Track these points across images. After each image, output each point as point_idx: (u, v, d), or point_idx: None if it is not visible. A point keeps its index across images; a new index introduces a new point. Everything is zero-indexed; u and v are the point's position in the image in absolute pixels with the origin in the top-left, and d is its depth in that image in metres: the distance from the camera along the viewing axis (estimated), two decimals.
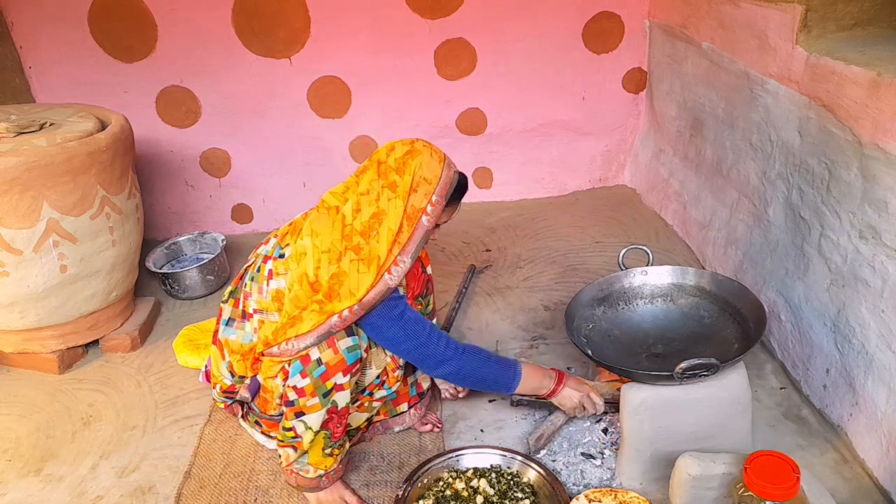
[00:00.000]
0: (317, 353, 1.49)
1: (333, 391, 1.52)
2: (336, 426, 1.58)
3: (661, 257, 2.70)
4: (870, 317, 1.67)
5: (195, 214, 3.21)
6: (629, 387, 1.61)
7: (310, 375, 1.50)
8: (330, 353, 1.49)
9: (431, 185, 1.52)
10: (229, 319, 1.69)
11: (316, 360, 1.49)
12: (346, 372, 1.51)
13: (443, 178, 1.54)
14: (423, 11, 2.93)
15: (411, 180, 1.51)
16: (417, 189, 1.52)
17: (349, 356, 1.51)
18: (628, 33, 3.12)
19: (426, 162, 1.53)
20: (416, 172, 1.51)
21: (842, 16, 1.87)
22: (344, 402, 1.55)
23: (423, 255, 1.85)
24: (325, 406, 1.53)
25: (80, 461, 1.91)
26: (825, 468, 1.71)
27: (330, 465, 1.63)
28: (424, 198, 1.52)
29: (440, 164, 1.55)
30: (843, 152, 1.72)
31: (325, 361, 1.49)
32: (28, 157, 1.93)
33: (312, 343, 1.50)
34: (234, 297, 1.71)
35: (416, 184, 1.51)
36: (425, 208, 1.53)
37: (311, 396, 1.51)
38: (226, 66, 2.89)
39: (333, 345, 1.49)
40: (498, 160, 3.34)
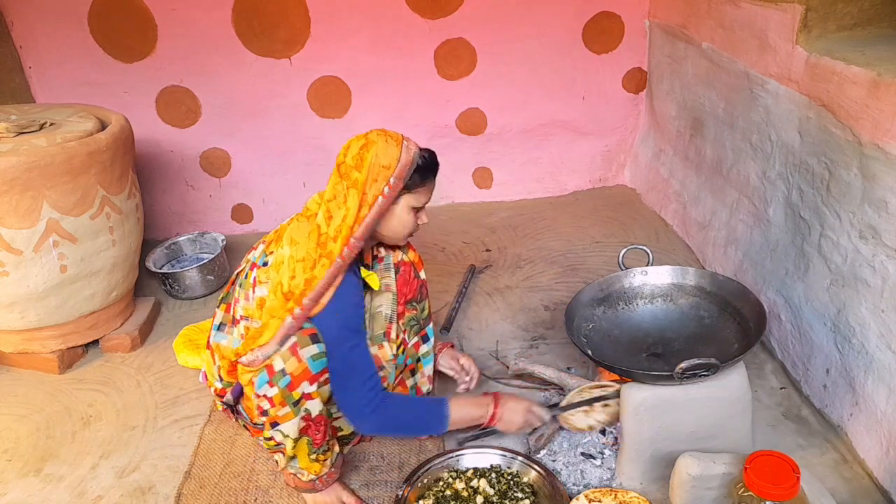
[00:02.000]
0: (281, 363, 1.47)
1: (303, 400, 1.50)
2: (315, 433, 1.56)
3: (661, 257, 2.70)
4: (870, 317, 1.66)
5: (195, 214, 3.21)
6: (629, 387, 1.61)
7: (277, 385, 1.48)
8: (294, 363, 1.47)
9: (390, 170, 1.51)
10: (220, 324, 1.70)
11: (280, 371, 1.47)
12: (312, 381, 1.49)
13: (402, 160, 1.52)
14: (422, 11, 2.93)
15: (368, 172, 1.50)
16: (378, 178, 1.50)
17: (313, 364, 1.48)
18: (628, 33, 3.12)
19: (382, 149, 1.52)
20: (373, 163, 1.50)
21: (842, 16, 1.87)
22: (317, 409, 1.53)
23: (416, 260, 1.84)
24: (298, 414, 1.51)
25: (80, 461, 1.91)
26: (825, 468, 1.71)
27: (319, 470, 1.62)
28: (383, 182, 1.51)
29: (397, 148, 1.53)
30: (843, 152, 1.72)
31: (289, 371, 1.47)
32: (28, 157, 1.93)
33: (274, 351, 1.49)
34: (225, 302, 1.71)
35: (376, 174, 1.50)
36: (382, 191, 1.51)
37: (280, 406, 1.49)
38: (226, 66, 2.90)
39: (296, 353, 1.47)
40: (498, 160, 3.34)
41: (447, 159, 3.34)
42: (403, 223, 1.60)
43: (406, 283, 1.80)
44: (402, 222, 1.60)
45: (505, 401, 1.69)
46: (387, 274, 1.76)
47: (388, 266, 1.78)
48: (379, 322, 1.72)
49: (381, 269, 1.76)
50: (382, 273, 1.75)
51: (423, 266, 1.87)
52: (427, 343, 1.85)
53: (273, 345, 1.49)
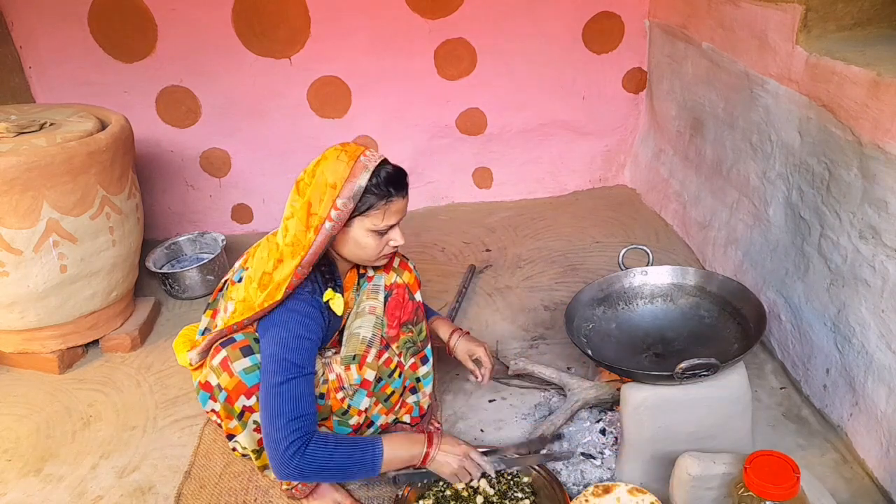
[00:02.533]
0: (215, 378, 1.46)
1: (246, 412, 1.49)
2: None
3: (661, 257, 2.70)
4: (870, 317, 1.66)
5: (195, 214, 3.21)
6: (629, 387, 1.61)
7: (218, 400, 1.47)
8: (226, 378, 1.46)
9: (336, 190, 1.41)
10: (205, 329, 1.66)
11: (217, 386, 1.46)
12: (248, 394, 1.47)
13: (349, 179, 1.41)
14: (423, 11, 2.93)
15: (316, 190, 1.42)
16: (323, 198, 1.41)
17: (247, 378, 1.46)
18: (628, 33, 3.12)
19: (330, 166, 1.42)
20: (320, 180, 1.42)
21: (842, 16, 1.87)
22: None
23: (411, 282, 1.73)
24: (246, 427, 1.50)
25: (80, 461, 1.91)
26: (825, 468, 1.71)
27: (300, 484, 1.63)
28: (329, 203, 1.41)
29: (347, 165, 1.41)
30: (843, 152, 1.72)
31: (224, 387, 1.46)
32: (28, 157, 1.93)
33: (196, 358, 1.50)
34: (211, 308, 1.67)
35: (321, 193, 1.41)
36: (329, 215, 1.41)
37: (227, 420, 1.49)
38: (226, 66, 2.90)
39: (227, 368, 1.45)
40: (498, 160, 3.34)
41: (447, 159, 3.38)
42: (363, 247, 1.50)
43: (399, 307, 1.68)
44: (361, 245, 1.50)
45: (439, 442, 1.52)
46: (374, 296, 1.66)
47: (378, 288, 1.68)
48: (352, 343, 1.61)
49: (369, 290, 1.67)
50: (369, 294, 1.66)
51: (420, 286, 1.77)
52: (426, 364, 1.76)
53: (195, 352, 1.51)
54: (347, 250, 1.52)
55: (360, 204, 1.44)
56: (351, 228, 1.47)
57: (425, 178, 3.33)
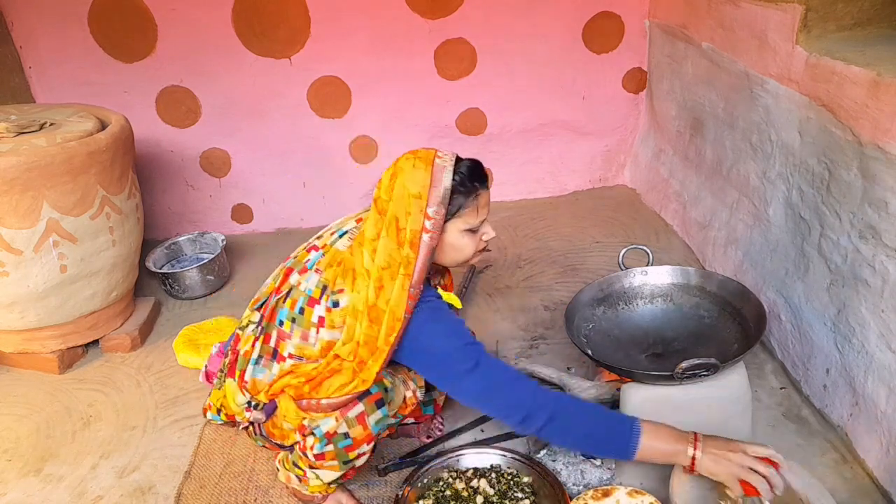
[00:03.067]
0: (345, 428, 1.44)
1: (356, 459, 1.50)
2: (349, 476, 1.58)
3: (661, 257, 2.70)
4: (870, 317, 1.66)
5: (195, 214, 3.21)
6: (629, 387, 1.61)
7: (334, 444, 1.46)
8: (359, 430, 1.45)
9: (423, 200, 1.35)
10: (258, 358, 1.53)
11: (343, 434, 1.45)
12: (369, 441, 1.49)
13: (433, 186, 1.36)
14: (423, 11, 2.93)
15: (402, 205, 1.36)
16: (411, 210, 1.35)
17: (376, 428, 1.47)
18: (628, 33, 3.12)
19: (409, 177, 1.37)
20: (401, 193, 1.36)
21: (842, 16, 1.87)
22: (363, 461, 1.54)
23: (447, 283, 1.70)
24: (343, 470, 1.51)
25: (80, 461, 1.91)
26: (825, 468, 1.71)
27: (332, 490, 1.63)
28: (420, 215, 1.35)
29: (426, 172, 1.36)
30: (843, 152, 1.72)
31: (352, 437, 1.45)
32: (28, 157, 1.93)
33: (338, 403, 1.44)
34: (265, 332, 1.52)
35: (409, 205, 1.35)
36: (423, 226, 1.35)
37: (330, 460, 1.49)
38: (226, 66, 2.90)
39: (363, 421, 1.44)
40: (498, 160, 3.34)
41: None
42: (460, 249, 1.45)
43: None
44: (458, 248, 1.45)
45: (705, 444, 1.34)
46: None
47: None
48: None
49: None
50: None
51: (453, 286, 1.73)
52: None
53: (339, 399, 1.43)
54: (446, 256, 1.47)
55: (451, 207, 1.39)
56: (445, 234, 1.42)
57: None
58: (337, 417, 1.45)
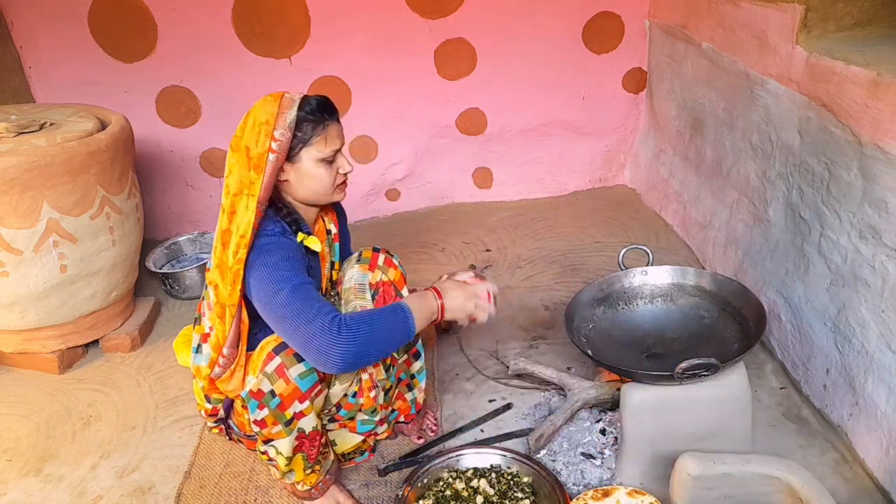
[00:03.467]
0: (268, 385, 1.44)
1: (295, 419, 1.48)
2: (310, 448, 1.54)
3: (661, 257, 2.70)
4: (870, 317, 1.66)
5: (195, 214, 3.21)
6: (629, 387, 1.61)
7: (267, 406, 1.45)
8: (282, 384, 1.44)
9: (270, 126, 1.43)
10: (198, 346, 1.63)
11: (269, 392, 1.44)
12: (302, 399, 1.47)
13: (280, 113, 1.43)
14: (423, 11, 2.93)
15: (251, 134, 1.44)
16: (259, 137, 1.43)
17: (302, 383, 1.46)
18: (628, 33, 3.12)
19: (259, 109, 1.46)
20: (254, 123, 1.44)
21: (842, 16, 1.87)
22: (311, 426, 1.51)
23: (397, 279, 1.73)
24: (291, 434, 1.49)
25: (80, 461, 1.91)
26: (825, 468, 1.71)
27: (315, 479, 1.62)
28: (266, 139, 1.43)
29: (275, 103, 1.45)
30: (843, 152, 1.72)
31: (278, 393, 1.44)
32: (28, 157, 1.93)
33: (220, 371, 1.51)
34: (199, 322, 1.64)
35: (257, 132, 1.43)
36: (269, 147, 1.43)
37: (273, 425, 1.48)
38: (226, 66, 2.89)
39: (284, 374, 1.43)
40: (498, 160, 3.34)
41: (447, 159, 3.38)
42: (317, 178, 1.52)
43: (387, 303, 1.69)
44: (315, 178, 1.52)
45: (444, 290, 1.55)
46: (361, 295, 1.68)
47: (364, 287, 1.69)
48: None
49: (355, 289, 1.68)
50: (356, 294, 1.68)
51: (407, 282, 1.76)
52: (419, 359, 1.80)
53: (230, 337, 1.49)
54: (304, 188, 1.53)
55: (301, 134, 1.46)
56: (300, 163, 1.50)
57: (425, 179, 3.33)
58: (258, 375, 1.45)
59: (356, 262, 1.74)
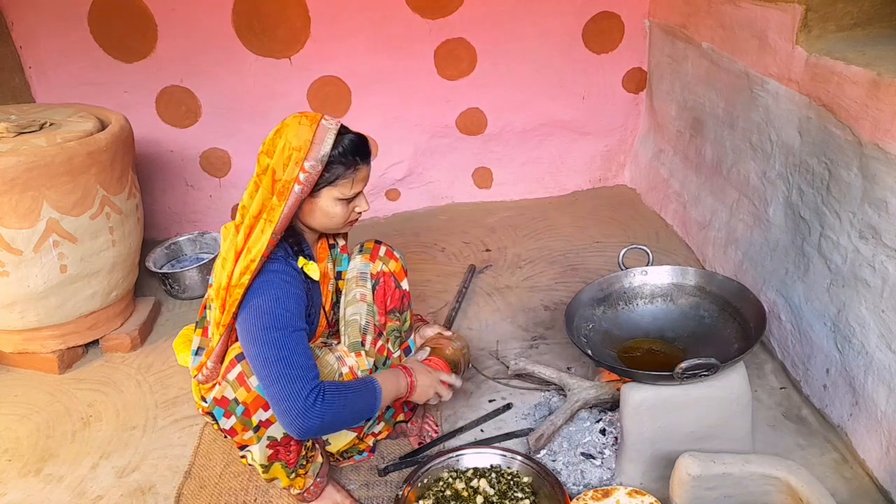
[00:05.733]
0: (231, 392, 1.43)
1: (262, 427, 1.47)
2: (286, 455, 1.53)
3: (661, 257, 2.70)
4: (870, 317, 1.66)
5: (195, 214, 3.21)
6: (629, 387, 1.61)
7: (233, 414, 1.45)
8: (243, 392, 1.43)
9: (301, 153, 1.39)
10: (198, 349, 1.62)
11: (234, 400, 1.44)
12: (266, 407, 1.44)
13: (315, 142, 1.40)
14: (423, 11, 2.93)
15: (280, 157, 1.40)
16: (289, 162, 1.40)
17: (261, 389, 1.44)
18: (628, 33, 3.12)
19: (293, 132, 1.41)
20: (285, 146, 1.40)
21: (842, 16, 1.87)
22: (280, 433, 1.49)
23: (397, 270, 1.77)
24: (260, 441, 1.48)
25: (80, 461, 1.91)
26: (825, 468, 1.71)
27: (303, 484, 1.61)
28: (295, 167, 1.39)
29: (311, 130, 1.41)
30: (843, 152, 1.72)
31: (241, 401, 1.44)
32: (28, 157, 1.93)
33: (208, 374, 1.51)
34: (200, 326, 1.64)
35: (287, 157, 1.40)
36: (297, 177, 1.40)
37: (242, 433, 1.47)
38: (226, 66, 2.89)
39: (244, 383, 1.42)
40: (498, 160, 3.34)
41: (447, 159, 3.38)
42: (330, 215, 1.51)
43: (386, 294, 1.77)
44: (329, 214, 1.51)
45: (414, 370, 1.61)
46: (362, 283, 1.71)
47: (365, 276, 1.72)
48: (352, 329, 1.68)
49: (357, 278, 1.71)
50: (357, 282, 1.70)
51: (407, 275, 1.79)
52: (409, 354, 1.82)
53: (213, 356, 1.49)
54: (315, 220, 1.52)
55: (329, 174, 1.44)
56: (319, 198, 1.48)
57: (425, 178, 3.33)
58: (220, 382, 1.45)
59: (358, 252, 1.78)
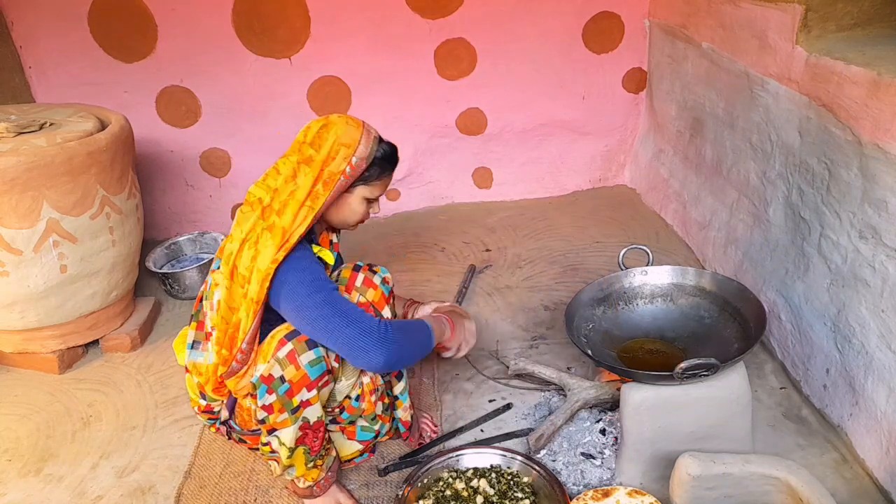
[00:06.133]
0: (279, 370, 1.45)
1: (301, 407, 1.49)
2: (312, 441, 1.55)
3: (661, 257, 2.70)
4: (870, 317, 1.66)
5: (195, 214, 3.21)
6: (629, 387, 1.61)
7: (275, 392, 1.46)
8: (292, 370, 1.46)
9: (350, 149, 1.51)
10: (194, 342, 1.65)
11: (279, 378, 1.45)
12: (310, 387, 1.48)
13: (362, 142, 1.52)
14: (423, 11, 2.93)
15: (328, 150, 1.50)
16: (336, 156, 1.50)
17: (311, 371, 1.47)
18: (628, 33, 3.12)
19: (343, 130, 1.52)
20: (334, 142, 1.51)
21: (842, 16, 1.87)
22: (315, 416, 1.52)
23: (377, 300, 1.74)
24: (296, 422, 1.50)
25: (80, 461, 1.91)
26: (825, 468, 1.71)
27: (316, 475, 1.62)
28: (343, 161, 1.51)
29: (358, 130, 1.53)
30: (843, 152, 1.72)
31: (287, 378, 1.46)
32: (28, 157, 1.93)
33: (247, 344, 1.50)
34: (196, 319, 1.66)
35: (335, 152, 1.50)
36: (344, 170, 1.51)
37: (279, 413, 1.48)
38: (226, 66, 2.90)
39: (294, 360, 1.45)
40: (498, 160, 3.34)
41: (447, 159, 3.38)
42: (354, 212, 1.62)
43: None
44: (353, 211, 1.61)
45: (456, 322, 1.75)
46: None
47: None
48: None
49: None
50: None
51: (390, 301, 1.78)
52: (402, 380, 1.79)
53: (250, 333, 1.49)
54: (338, 214, 1.61)
55: (367, 174, 1.56)
56: (352, 195, 1.58)
57: (425, 178, 3.33)
58: (268, 359, 1.46)
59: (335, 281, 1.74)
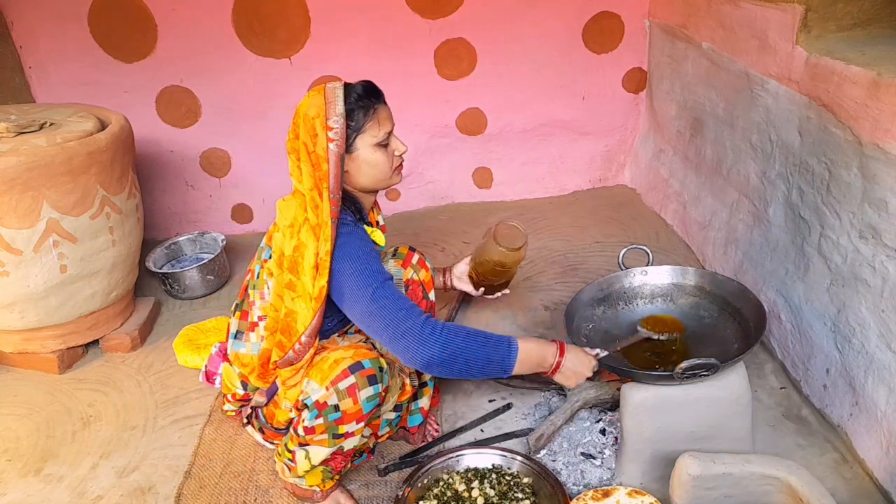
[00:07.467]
0: (335, 400, 1.45)
1: (344, 437, 1.50)
2: (339, 464, 1.57)
3: (661, 257, 2.70)
4: (870, 317, 1.66)
5: (195, 214, 3.21)
6: (629, 387, 1.61)
7: (324, 417, 1.46)
8: (349, 403, 1.45)
9: (321, 117, 1.47)
10: (237, 332, 1.65)
11: (333, 406, 1.45)
12: (360, 420, 1.49)
13: (328, 102, 1.47)
14: (423, 11, 2.93)
15: (306, 131, 1.48)
16: (315, 131, 1.47)
17: (367, 405, 1.47)
18: (628, 33, 3.12)
19: (307, 105, 1.50)
20: (304, 120, 1.48)
21: (842, 16, 1.87)
22: (351, 445, 1.53)
23: (426, 280, 1.84)
24: (332, 447, 1.51)
25: (80, 461, 1.91)
26: (825, 468, 1.71)
27: (328, 487, 1.63)
28: (322, 130, 1.47)
29: (320, 95, 1.49)
30: (843, 152, 1.72)
31: (342, 409, 1.46)
32: (28, 157, 1.93)
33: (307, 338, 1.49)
34: (240, 309, 1.67)
35: (311, 128, 1.47)
36: (328, 137, 1.46)
37: (320, 434, 1.49)
38: (226, 66, 2.90)
39: (354, 394, 1.45)
40: (498, 160, 3.34)
41: (447, 159, 3.37)
42: (375, 164, 1.55)
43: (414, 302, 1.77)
44: (374, 164, 1.55)
45: (568, 352, 1.51)
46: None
47: (399, 282, 1.80)
48: None
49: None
50: None
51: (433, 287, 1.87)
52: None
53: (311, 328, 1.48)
54: (364, 176, 1.56)
55: (354, 123, 1.50)
56: (357, 152, 1.52)
57: (425, 178, 3.33)
58: (328, 387, 1.45)
59: (391, 256, 1.85)
